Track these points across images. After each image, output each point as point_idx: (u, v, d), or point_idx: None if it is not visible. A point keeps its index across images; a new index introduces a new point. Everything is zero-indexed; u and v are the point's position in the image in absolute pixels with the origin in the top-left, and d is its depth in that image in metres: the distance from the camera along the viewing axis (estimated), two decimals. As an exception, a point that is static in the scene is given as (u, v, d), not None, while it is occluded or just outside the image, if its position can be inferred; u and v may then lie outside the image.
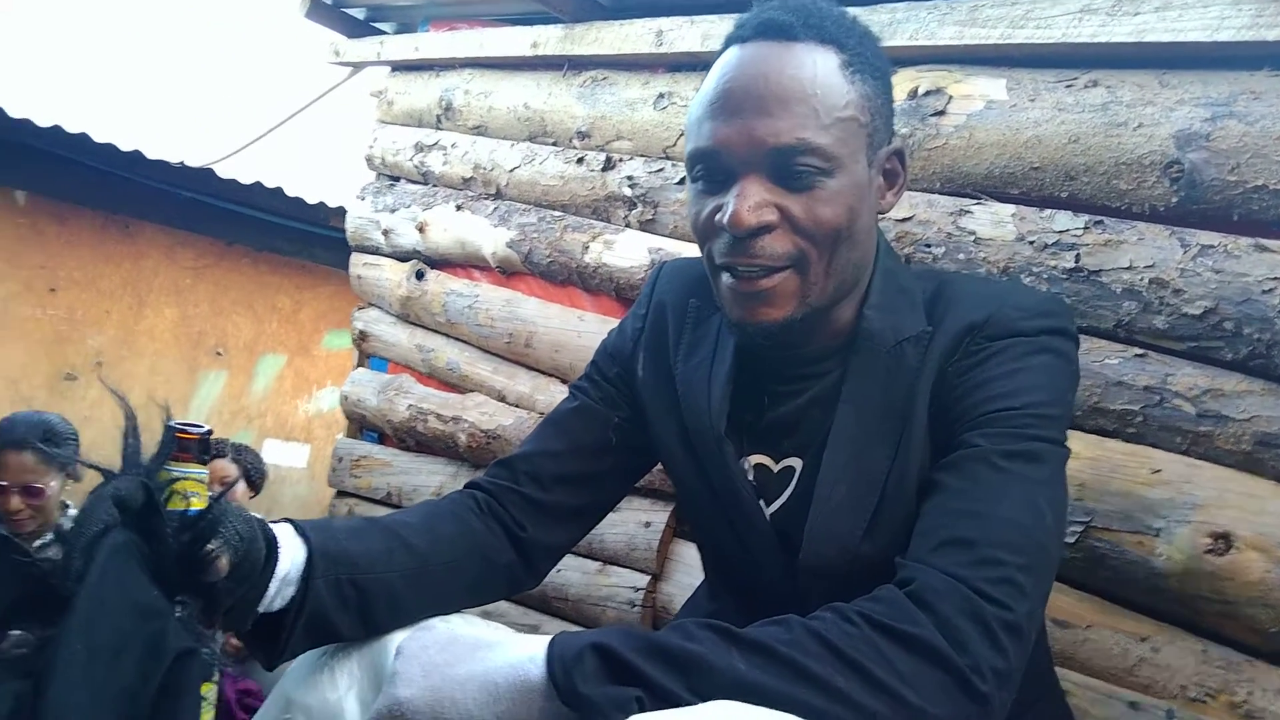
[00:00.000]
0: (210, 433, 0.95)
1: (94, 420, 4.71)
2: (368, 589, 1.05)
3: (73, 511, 2.85)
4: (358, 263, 2.95)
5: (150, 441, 0.92)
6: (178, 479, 0.91)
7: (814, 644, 0.86)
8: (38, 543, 2.74)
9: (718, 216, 1.03)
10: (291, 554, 1.00)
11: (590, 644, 0.88)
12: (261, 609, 0.97)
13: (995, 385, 1.03)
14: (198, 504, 0.91)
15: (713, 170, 1.05)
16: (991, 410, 1.02)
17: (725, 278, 1.06)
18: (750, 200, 1.00)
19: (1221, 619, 1.30)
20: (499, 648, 0.94)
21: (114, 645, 0.78)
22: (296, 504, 5.72)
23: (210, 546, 0.88)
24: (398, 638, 1.03)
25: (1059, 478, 1.03)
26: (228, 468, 3.55)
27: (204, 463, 0.94)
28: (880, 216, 1.13)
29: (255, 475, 3.66)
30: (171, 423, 0.93)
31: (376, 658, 1.04)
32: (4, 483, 2.73)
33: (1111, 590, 1.42)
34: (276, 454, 5.66)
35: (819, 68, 1.02)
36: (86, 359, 4.90)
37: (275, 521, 1.02)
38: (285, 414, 5.82)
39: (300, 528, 1.03)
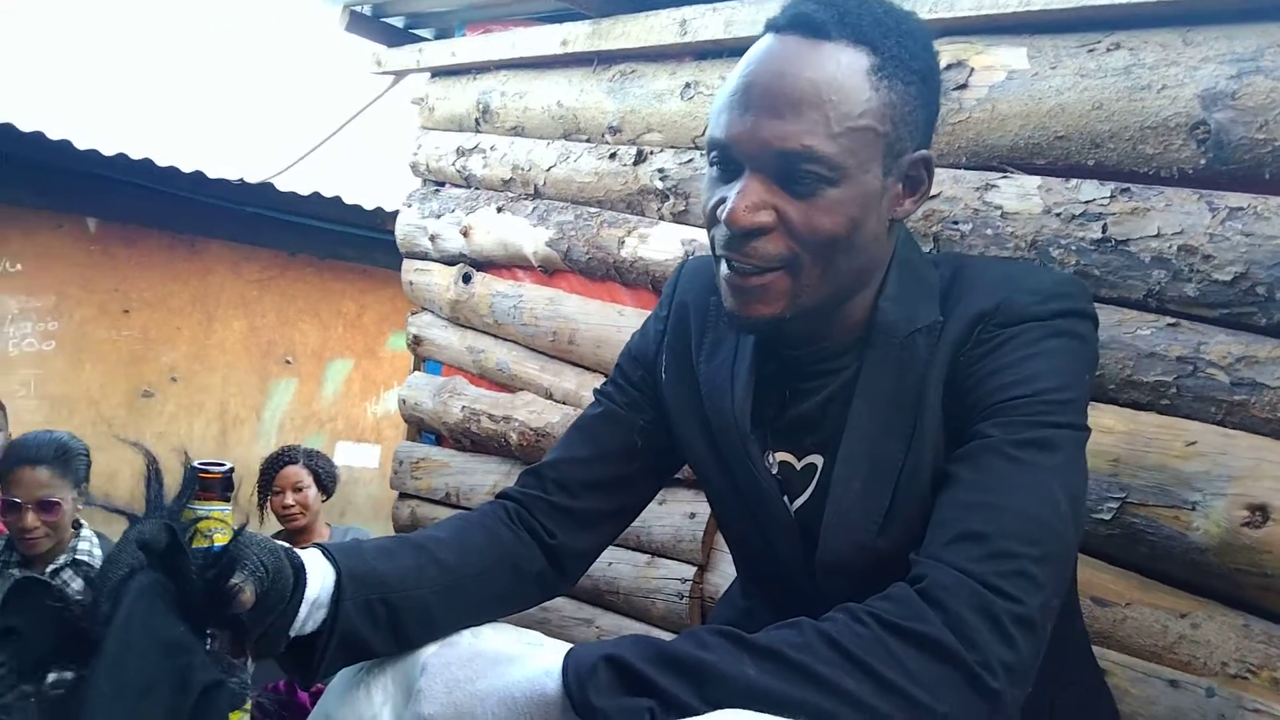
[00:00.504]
0: (232, 470, 0.99)
1: (170, 435, 4.89)
2: (399, 606, 1.07)
3: (87, 532, 2.91)
4: (409, 269, 3.01)
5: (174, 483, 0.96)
6: (201, 518, 0.94)
7: (824, 647, 0.86)
8: (51, 566, 2.76)
9: (719, 209, 1.03)
10: (320, 578, 1.02)
11: (604, 656, 0.89)
12: (293, 633, 1.00)
13: (1007, 373, 1.01)
14: (221, 540, 0.94)
15: (724, 160, 1.04)
16: (1004, 399, 1.00)
17: (722, 267, 1.07)
18: (749, 199, 1.00)
19: (1262, 592, 1.27)
20: (519, 662, 0.96)
21: (141, 683, 0.82)
22: (370, 504, 5.87)
23: (234, 581, 0.91)
24: (429, 652, 1.06)
25: (1076, 462, 1.01)
26: (300, 473, 3.65)
27: (227, 499, 0.98)
28: (894, 222, 1.09)
29: (326, 479, 3.76)
30: (193, 463, 0.96)
31: (409, 672, 1.07)
32: (18, 499, 2.73)
33: (1150, 566, 1.40)
34: (348, 456, 5.81)
35: (841, 71, 1.00)
36: (162, 376, 5.09)
37: (305, 547, 1.05)
38: (355, 416, 5.98)
39: (328, 552, 1.05)
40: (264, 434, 5.49)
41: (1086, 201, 1.47)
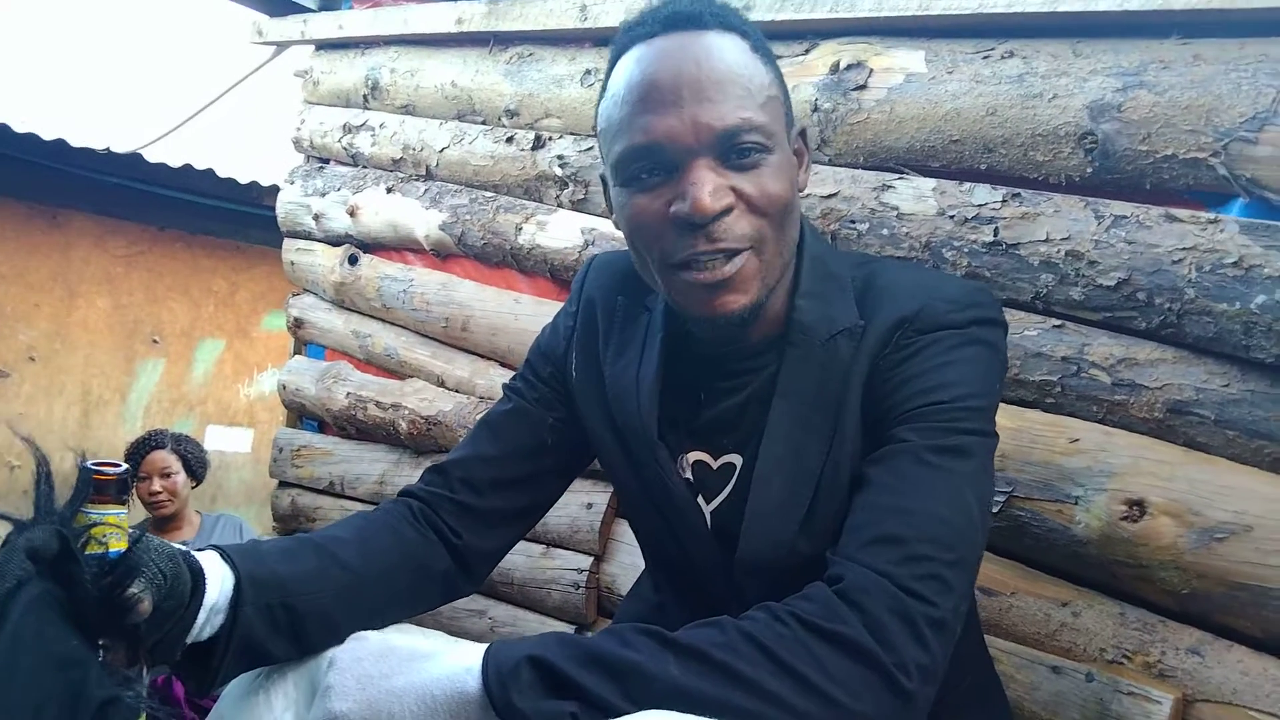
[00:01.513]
0: (128, 471, 0.93)
1: (28, 417, 4.63)
2: (299, 610, 1.04)
3: None
4: (290, 248, 2.91)
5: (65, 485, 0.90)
6: (95, 523, 0.89)
7: (746, 646, 0.87)
8: None
9: (674, 209, 1.02)
10: (219, 583, 0.98)
11: (526, 656, 0.88)
12: (190, 639, 0.96)
13: (924, 379, 1.05)
14: (116, 545, 0.89)
15: (654, 166, 1.03)
16: (921, 405, 1.03)
17: (685, 275, 1.04)
18: (708, 185, 1.00)
19: (1137, 582, 1.34)
20: (435, 658, 0.94)
21: (31, 702, 0.77)
22: (242, 489, 5.68)
23: (133, 590, 0.87)
24: (336, 649, 1.03)
25: (986, 469, 1.06)
26: (168, 458, 3.52)
27: (123, 503, 0.92)
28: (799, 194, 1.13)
29: (196, 465, 3.64)
30: (87, 464, 0.91)
31: (312, 675, 1.04)
32: None
33: (1034, 557, 1.46)
34: (220, 440, 5.60)
35: (738, 51, 1.04)
36: (18, 355, 4.80)
37: (201, 549, 1.01)
38: (227, 399, 5.76)
39: (227, 555, 1.01)
40: (129, 417, 5.23)
41: (979, 205, 1.52)
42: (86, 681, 0.80)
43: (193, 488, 3.64)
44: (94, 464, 0.91)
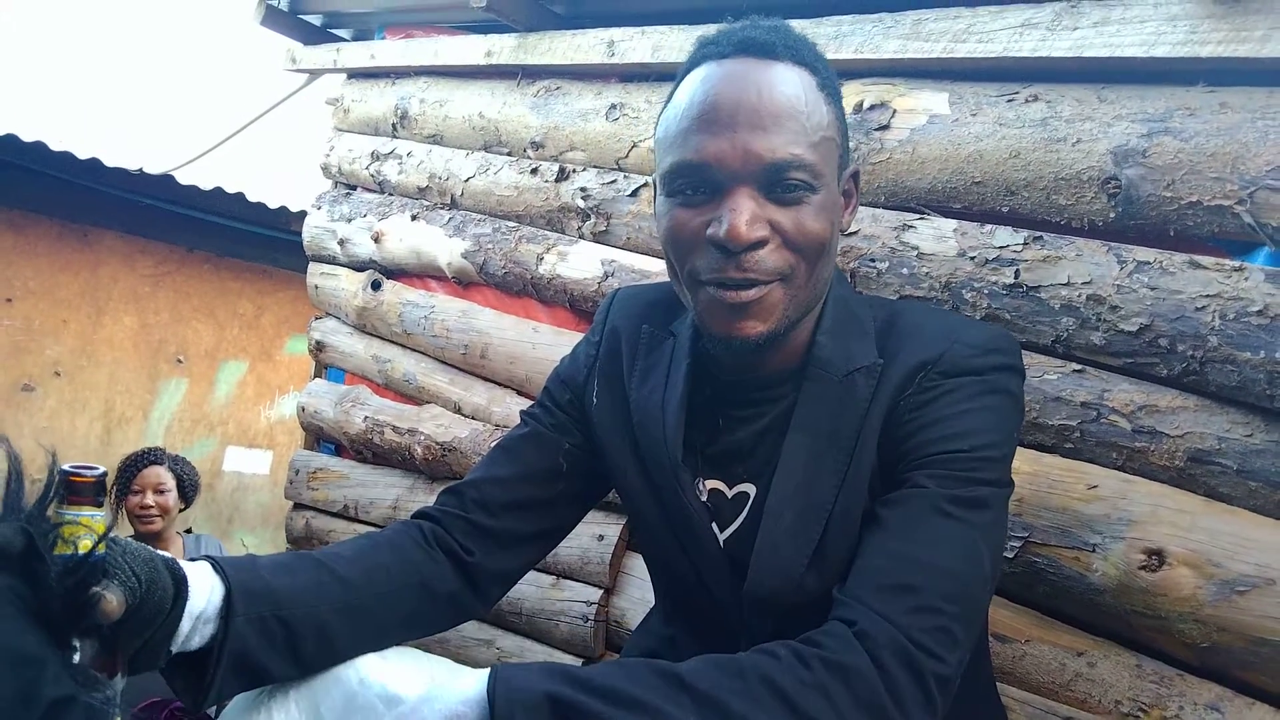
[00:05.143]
0: (105, 474, 0.93)
1: (51, 432, 4.65)
2: (295, 625, 1.02)
3: None
4: (315, 272, 2.93)
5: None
6: (66, 522, 0.88)
7: (768, 696, 0.86)
8: None
9: (710, 230, 1.03)
10: (206, 591, 0.97)
11: (546, 694, 0.85)
12: (176, 648, 0.95)
13: (945, 426, 1.04)
14: (87, 546, 0.88)
15: (698, 184, 1.04)
16: (941, 451, 1.03)
17: (710, 291, 1.05)
18: (745, 214, 1.01)
19: (1155, 634, 1.31)
20: (430, 702, 0.91)
21: None
22: (259, 511, 5.68)
23: (95, 588, 0.85)
24: (337, 675, 1.02)
25: (1001, 519, 1.06)
26: (163, 474, 3.53)
27: (99, 505, 0.92)
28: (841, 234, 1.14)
29: (188, 487, 3.66)
30: (63, 466, 0.90)
31: (315, 697, 1.02)
32: None
33: (1049, 605, 1.44)
34: (239, 462, 5.61)
35: (803, 86, 1.04)
36: (45, 370, 4.84)
37: (193, 559, 1.00)
38: (247, 421, 5.77)
39: (218, 565, 1.00)
40: (151, 435, 5.25)
41: (1000, 247, 1.51)
42: (40, 680, 0.78)
43: (181, 510, 3.63)
44: (71, 466, 0.90)
